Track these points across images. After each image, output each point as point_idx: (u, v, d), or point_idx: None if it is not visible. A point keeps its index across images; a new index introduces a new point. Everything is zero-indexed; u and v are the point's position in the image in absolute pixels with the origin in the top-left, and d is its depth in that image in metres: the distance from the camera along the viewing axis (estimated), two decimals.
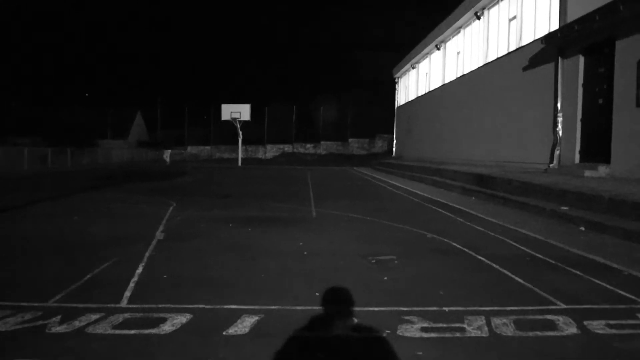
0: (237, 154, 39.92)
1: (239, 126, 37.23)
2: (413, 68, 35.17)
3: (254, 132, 52.59)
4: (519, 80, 17.48)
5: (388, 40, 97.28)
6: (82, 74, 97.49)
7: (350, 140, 48.87)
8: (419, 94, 33.45)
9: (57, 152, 34.57)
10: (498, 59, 19.74)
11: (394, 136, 42.03)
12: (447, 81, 26.92)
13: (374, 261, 5.72)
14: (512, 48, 18.51)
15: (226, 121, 37.77)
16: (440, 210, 10.73)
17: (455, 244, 6.72)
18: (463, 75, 24.04)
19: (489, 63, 20.70)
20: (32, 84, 76.82)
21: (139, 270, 5.12)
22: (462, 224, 8.71)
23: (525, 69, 17.03)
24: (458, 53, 25.52)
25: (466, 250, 6.34)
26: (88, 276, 4.83)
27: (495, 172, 15.03)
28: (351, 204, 11.61)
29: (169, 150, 41.84)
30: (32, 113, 50.37)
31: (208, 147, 48.28)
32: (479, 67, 21.84)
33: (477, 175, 15.17)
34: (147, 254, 5.91)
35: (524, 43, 17.53)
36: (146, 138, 60.49)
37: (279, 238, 7.16)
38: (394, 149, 42.08)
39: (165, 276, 4.92)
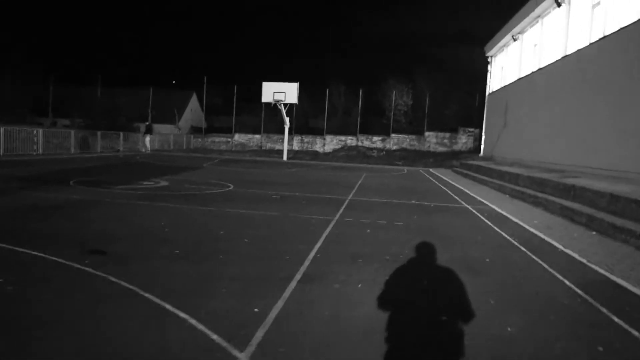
0: (287, 144, 32.65)
1: (284, 110, 29.77)
2: (515, 40, 26.25)
3: (313, 120, 45.33)
4: None
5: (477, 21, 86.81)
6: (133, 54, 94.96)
7: (427, 134, 40.23)
8: (522, 75, 24.63)
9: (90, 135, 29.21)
10: None
11: (483, 130, 33.22)
12: (570, 51, 18.19)
13: None
14: None
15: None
16: None
17: None
18: (605, 37, 15.34)
19: None
20: (79, 64, 73.80)
21: None
22: None
23: None
24: (596, 5, 16.76)
25: None
26: None
27: None
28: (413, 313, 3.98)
29: (149, 136, 34.25)
30: (74, 93, 45.81)
31: (258, 136, 41.34)
32: None
33: None
34: None
35: None
36: (202, 124, 54.71)
37: None
38: (482, 146, 33.28)
39: None
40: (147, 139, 33.25)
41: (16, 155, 21.09)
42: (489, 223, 9.06)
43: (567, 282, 5.21)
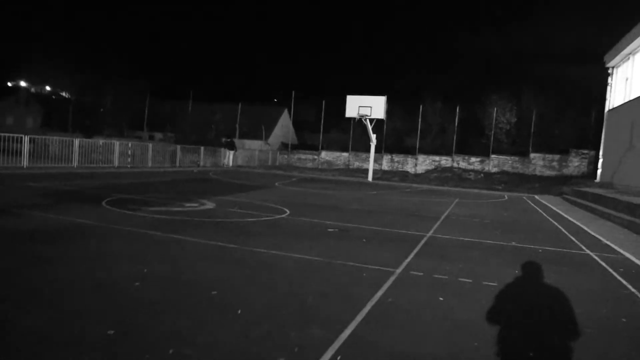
0: (375, 164, 30.30)
1: (370, 126, 27.48)
2: None
3: (405, 138, 42.55)
4: None
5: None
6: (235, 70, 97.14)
7: (532, 155, 36.03)
8: None
9: (181, 151, 29.12)
10: None
11: (601, 153, 28.75)
12: None
13: None
14: None
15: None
16: None
17: None
18: None
19: None
20: (166, 79, 76.58)
21: None
22: None
23: None
24: None
25: None
26: None
27: None
28: None
29: (232, 152, 33.03)
30: (169, 107, 46.77)
31: (345, 154, 39.33)
32: None
33: None
34: None
35: None
36: (293, 140, 53.73)
37: None
38: (599, 171, 28.80)
39: None
40: (230, 154, 32.40)
41: (86, 168, 20.64)
42: (631, 288, 6.11)
43: None
